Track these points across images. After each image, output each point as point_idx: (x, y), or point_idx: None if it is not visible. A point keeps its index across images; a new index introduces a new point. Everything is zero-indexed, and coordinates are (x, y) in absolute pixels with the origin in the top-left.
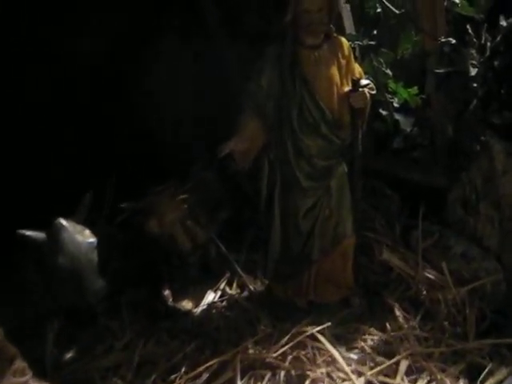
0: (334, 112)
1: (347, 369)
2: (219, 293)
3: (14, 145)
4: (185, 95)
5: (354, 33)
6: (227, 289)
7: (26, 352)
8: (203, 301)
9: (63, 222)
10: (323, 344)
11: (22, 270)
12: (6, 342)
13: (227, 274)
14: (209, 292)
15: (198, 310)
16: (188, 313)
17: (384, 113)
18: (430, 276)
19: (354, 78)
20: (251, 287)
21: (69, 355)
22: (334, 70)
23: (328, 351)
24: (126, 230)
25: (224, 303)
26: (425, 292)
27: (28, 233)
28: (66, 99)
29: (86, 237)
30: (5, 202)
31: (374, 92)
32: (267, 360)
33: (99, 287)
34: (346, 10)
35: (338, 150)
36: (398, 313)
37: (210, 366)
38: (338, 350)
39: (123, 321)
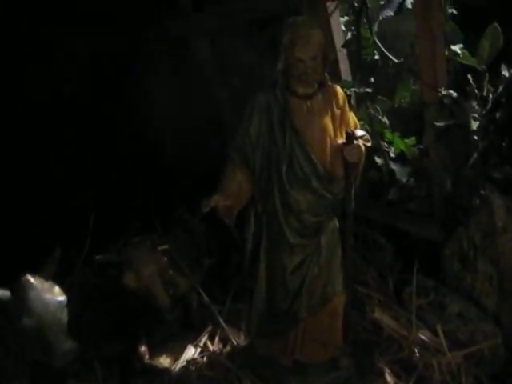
0: (326, 165)
1: None
2: (199, 348)
3: None
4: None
5: (349, 79)
6: (209, 344)
7: None
8: (182, 357)
9: (30, 278)
10: None
11: None
12: None
13: (209, 328)
14: (189, 347)
15: (177, 367)
16: (165, 370)
17: (379, 161)
18: (423, 338)
19: (349, 131)
20: (234, 341)
21: None
22: (328, 121)
23: None
24: (103, 279)
25: (204, 359)
26: (418, 355)
27: None
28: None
29: (54, 294)
30: None
31: (369, 144)
32: None
33: (68, 348)
34: (342, 55)
35: (329, 205)
36: (388, 378)
37: None
38: None
39: (96, 379)
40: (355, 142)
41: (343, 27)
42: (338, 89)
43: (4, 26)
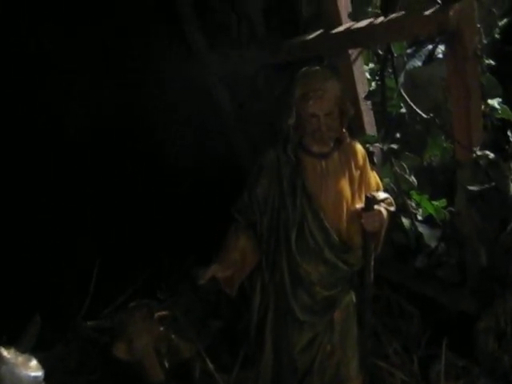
0: (342, 233)
1: None
2: None
3: None
4: None
5: (374, 133)
6: None
7: None
8: None
9: (2, 351)
10: None
11: None
12: None
13: None
14: None
15: None
16: None
17: (406, 223)
18: None
19: (368, 195)
20: None
21: None
22: (345, 183)
23: None
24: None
25: None
26: None
27: None
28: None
29: (30, 370)
30: None
31: (392, 208)
32: None
33: None
34: (366, 107)
35: (344, 276)
36: None
37: None
38: None
39: None
40: (376, 207)
41: (368, 75)
42: (358, 146)
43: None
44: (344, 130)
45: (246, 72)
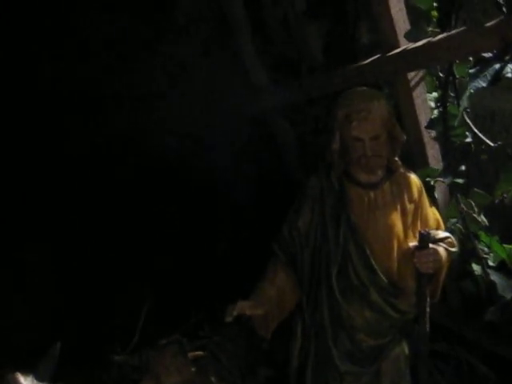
0: (392, 274)
1: None
2: None
3: None
4: None
5: (438, 167)
6: None
7: None
8: None
9: (19, 377)
10: None
11: None
12: None
13: None
14: None
15: None
16: None
17: (476, 269)
18: None
19: (422, 231)
20: None
21: None
22: (396, 218)
23: None
24: None
25: None
26: None
27: None
28: None
29: None
30: None
31: (454, 249)
32: None
33: None
34: (430, 140)
35: (394, 325)
36: None
37: None
38: None
39: None
40: (431, 246)
41: (432, 104)
42: (413, 177)
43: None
44: (396, 159)
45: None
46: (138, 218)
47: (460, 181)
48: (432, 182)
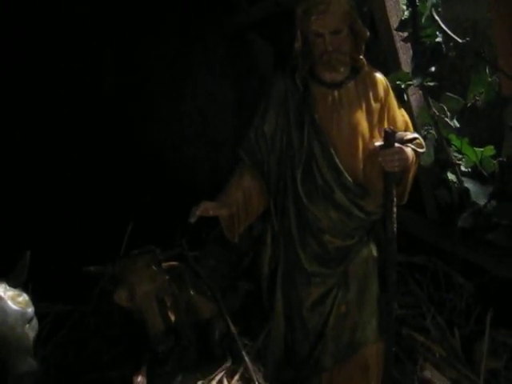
0: (357, 175)
1: None
2: None
3: None
4: None
5: (410, 70)
6: (225, 381)
7: None
8: None
9: None
10: None
11: None
12: None
13: (228, 363)
14: (200, 383)
15: None
16: None
17: (450, 176)
18: None
19: (387, 129)
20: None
21: None
22: (361, 117)
23: None
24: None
25: None
26: None
27: None
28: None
29: (19, 304)
30: None
31: (421, 150)
32: None
33: (27, 370)
34: (402, 44)
35: (360, 226)
36: None
37: None
38: None
39: None
40: (396, 145)
41: (404, 7)
42: (379, 76)
43: None
44: (361, 57)
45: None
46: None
47: (431, 82)
48: (403, 86)
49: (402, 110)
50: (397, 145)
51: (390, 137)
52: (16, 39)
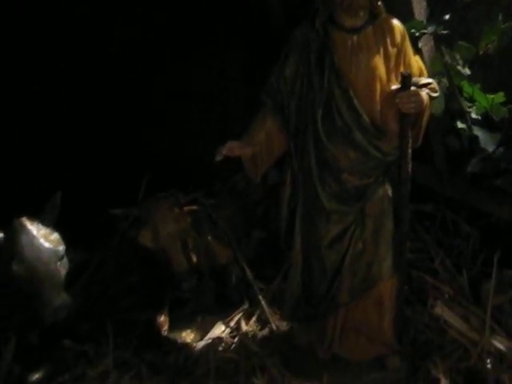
0: (375, 116)
1: None
2: (230, 328)
3: None
4: None
5: (423, 19)
6: (242, 324)
7: None
8: (209, 334)
9: (25, 221)
10: None
11: None
12: None
13: (246, 306)
14: (218, 324)
15: (199, 344)
16: (184, 346)
17: (460, 125)
18: (498, 345)
19: (404, 72)
20: (274, 325)
21: (34, 376)
22: (379, 61)
23: None
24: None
25: (233, 340)
26: (489, 366)
27: None
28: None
29: (51, 243)
30: None
31: (435, 94)
32: None
33: (61, 304)
34: None
35: (377, 166)
36: None
37: None
38: None
39: (107, 345)
40: (413, 88)
41: None
42: (396, 22)
43: None
44: (380, 3)
45: None
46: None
47: (444, 31)
48: (417, 34)
49: (417, 56)
50: (413, 88)
51: (406, 80)
52: None
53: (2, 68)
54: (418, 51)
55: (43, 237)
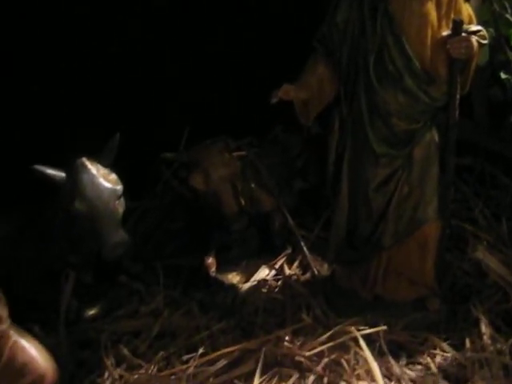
0: (425, 61)
1: None
2: (274, 271)
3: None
4: None
5: None
6: (285, 267)
7: (45, 302)
8: (253, 276)
9: (85, 161)
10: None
11: (46, 215)
12: None
13: (289, 251)
14: (263, 268)
15: (245, 286)
16: (231, 287)
17: (504, 76)
18: None
19: (456, 19)
20: (315, 270)
21: (91, 312)
22: (430, 7)
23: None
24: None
25: (277, 283)
26: None
27: (46, 170)
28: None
29: (110, 182)
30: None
31: (484, 41)
32: (298, 358)
33: (120, 241)
34: None
35: (426, 111)
36: (484, 329)
37: (231, 352)
38: (390, 363)
39: (157, 285)
40: (464, 34)
41: None
42: None
43: None
44: None
45: None
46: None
47: None
48: None
49: (467, 4)
50: (463, 34)
51: (457, 26)
52: None
53: None
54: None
55: (102, 176)
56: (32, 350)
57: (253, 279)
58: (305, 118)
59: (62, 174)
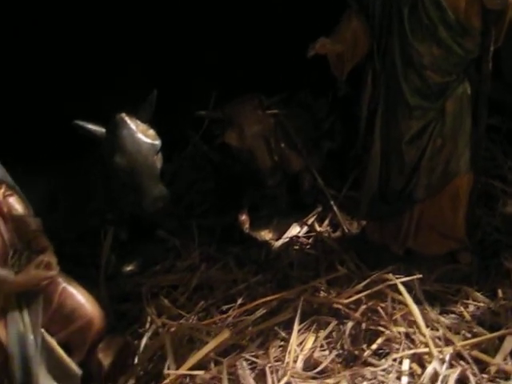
0: (459, 13)
1: (427, 332)
2: (305, 228)
3: None
4: None
5: None
6: (316, 225)
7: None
8: (286, 233)
9: (125, 117)
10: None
11: (87, 172)
12: (41, 234)
13: (319, 209)
14: (294, 225)
15: (278, 242)
16: (264, 243)
17: None
18: None
19: None
20: (345, 228)
21: (128, 268)
22: None
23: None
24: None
25: (309, 240)
26: None
27: (87, 125)
28: None
29: (149, 137)
30: None
31: None
32: (336, 306)
33: (159, 194)
34: None
35: (459, 63)
36: None
37: (270, 301)
38: (425, 310)
39: (192, 242)
40: None
41: None
42: None
43: None
44: None
45: None
46: None
47: None
48: None
49: None
50: None
51: None
52: None
53: None
54: None
55: (141, 132)
56: (80, 297)
57: (285, 236)
58: (339, 71)
59: (103, 129)
